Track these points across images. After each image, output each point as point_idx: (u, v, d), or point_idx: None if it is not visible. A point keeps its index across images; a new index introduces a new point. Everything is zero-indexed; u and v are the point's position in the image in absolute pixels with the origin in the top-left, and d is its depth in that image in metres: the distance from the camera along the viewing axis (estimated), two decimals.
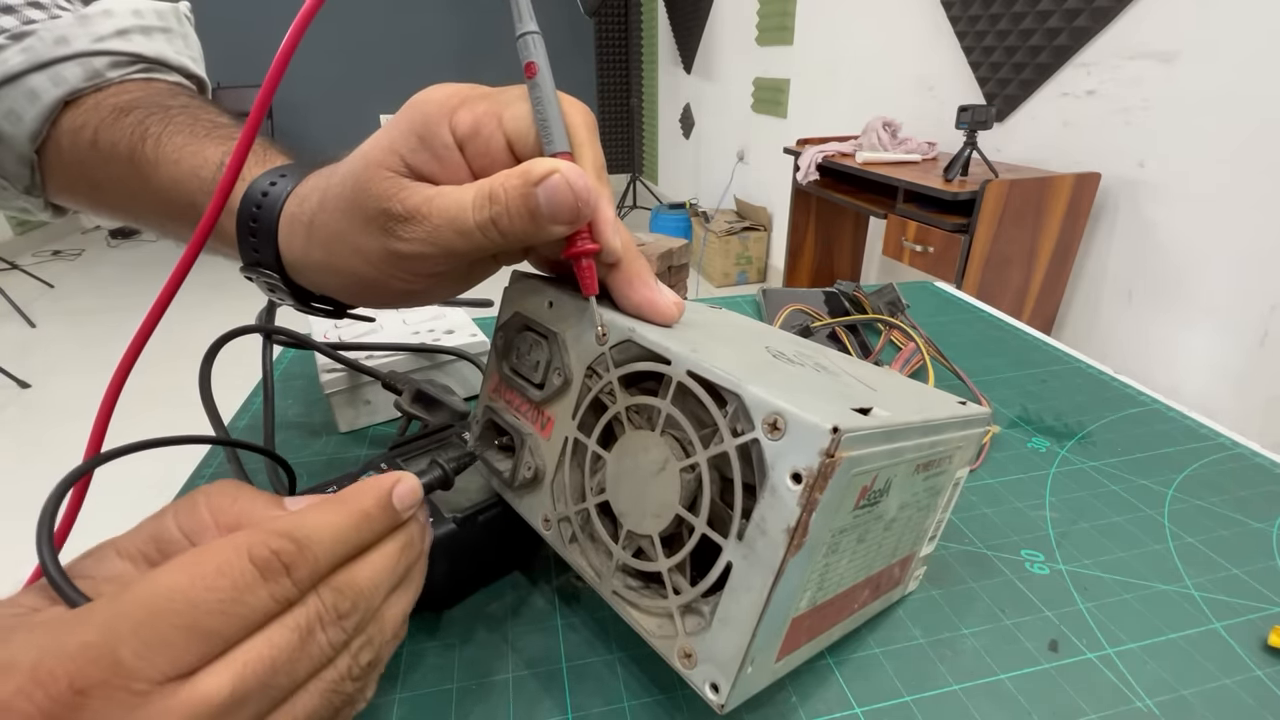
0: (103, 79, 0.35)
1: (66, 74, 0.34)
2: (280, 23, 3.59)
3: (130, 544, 0.20)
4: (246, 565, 0.17)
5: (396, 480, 0.21)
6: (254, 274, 0.30)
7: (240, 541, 0.18)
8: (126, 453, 0.24)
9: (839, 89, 2.36)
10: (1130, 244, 1.43)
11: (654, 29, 4.07)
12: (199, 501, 0.20)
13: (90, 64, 0.35)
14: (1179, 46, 1.27)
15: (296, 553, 0.18)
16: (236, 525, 0.20)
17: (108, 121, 0.34)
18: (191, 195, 0.31)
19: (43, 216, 0.41)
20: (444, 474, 0.26)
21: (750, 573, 0.20)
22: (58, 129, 0.35)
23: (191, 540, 0.20)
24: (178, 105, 0.34)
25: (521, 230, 0.23)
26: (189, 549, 0.19)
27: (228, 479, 0.22)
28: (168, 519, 0.20)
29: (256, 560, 0.17)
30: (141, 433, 0.24)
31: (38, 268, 3.24)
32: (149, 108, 0.34)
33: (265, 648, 0.17)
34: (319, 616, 0.19)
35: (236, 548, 0.17)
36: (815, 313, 0.60)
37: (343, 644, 0.19)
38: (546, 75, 0.23)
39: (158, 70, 0.38)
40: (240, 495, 0.21)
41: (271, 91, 0.24)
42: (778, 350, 0.28)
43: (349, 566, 0.20)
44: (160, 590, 0.16)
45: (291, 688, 0.18)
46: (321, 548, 0.19)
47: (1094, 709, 0.27)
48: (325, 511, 0.20)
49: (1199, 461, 0.43)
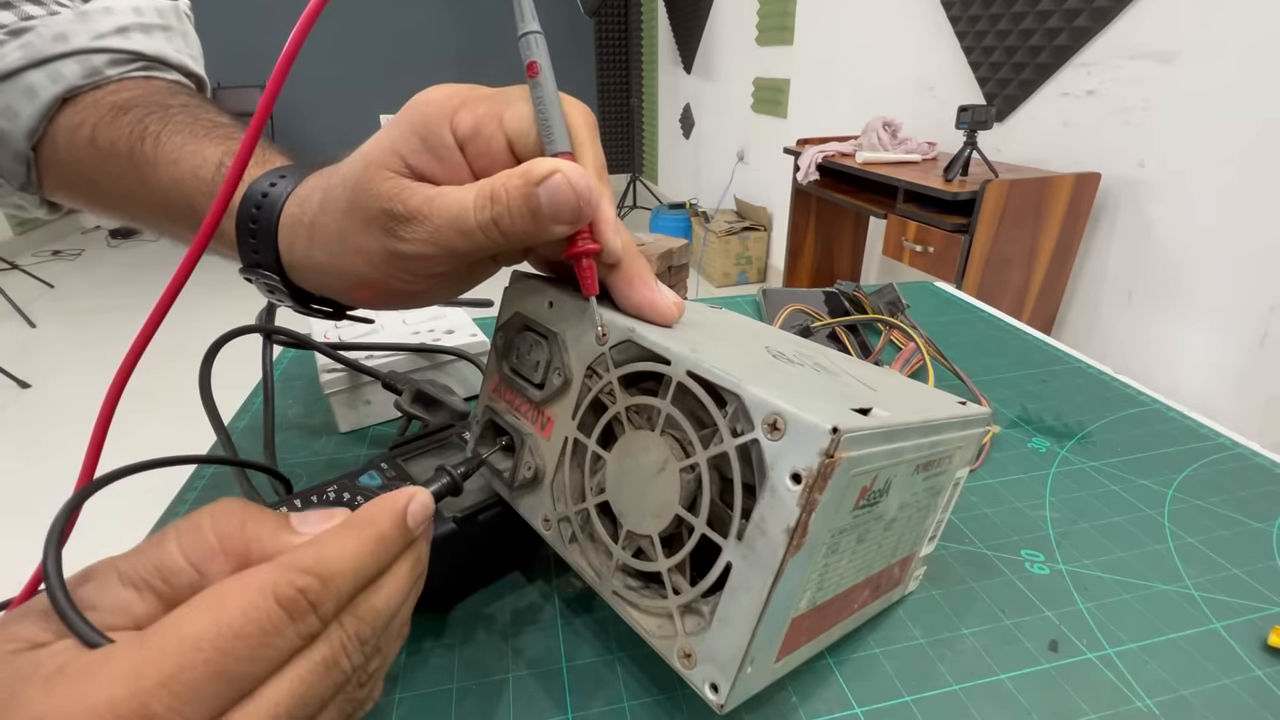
0: (101, 76, 0.35)
1: (65, 71, 0.34)
2: (280, 22, 3.61)
3: (133, 570, 0.19)
4: (273, 607, 0.17)
5: (410, 498, 0.21)
6: (253, 275, 0.30)
7: (264, 582, 0.17)
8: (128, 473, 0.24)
9: (839, 89, 2.36)
10: (1130, 244, 1.43)
11: (654, 29, 4.07)
12: (204, 525, 0.20)
13: (89, 61, 0.35)
14: (1179, 46, 1.27)
15: (321, 590, 0.18)
16: (245, 551, 0.20)
17: (106, 120, 0.34)
18: (190, 195, 0.31)
19: (38, 213, 0.41)
20: (453, 481, 0.26)
21: (750, 573, 0.20)
22: (55, 126, 0.35)
23: (198, 568, 0.19)
24: (177, 104, 0.34)
25: (523, 230, 0.23)
26: (196, 578, 0.19)
27: (231, 498, 0.21)
28: (171, 546, 0.19)
29: (283, 601, 0.17)
30: (141, 433, 0.24)
31: (38, 268, 3.24)
32: (148, 106, 0.34)
33: (294, 685, 0.17)
34: (343, 647, 0.19)
35: (261, 589, 0.17)
36: (815, 313, 0.60)
37: (362, 665, 0.20)
38: (548, 75, 0.23)
39: (157, 68, 0.38)
40: (247, 518, 0.20)
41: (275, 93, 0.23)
42: (778, 350, 0.28)
43: (368, 593, 0.20)
44: (186, 639, 0.16)
45: (317, 712, 0.19)
46: (344, 579, 0.19)
47: (1094, 709, 0.27)
48: (344, 540, 0.19)
49: (1199, 461, 0.43)
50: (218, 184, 0.30)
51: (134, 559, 0.19)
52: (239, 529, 0.20)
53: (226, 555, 0.19)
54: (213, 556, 0.19)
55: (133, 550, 0.19)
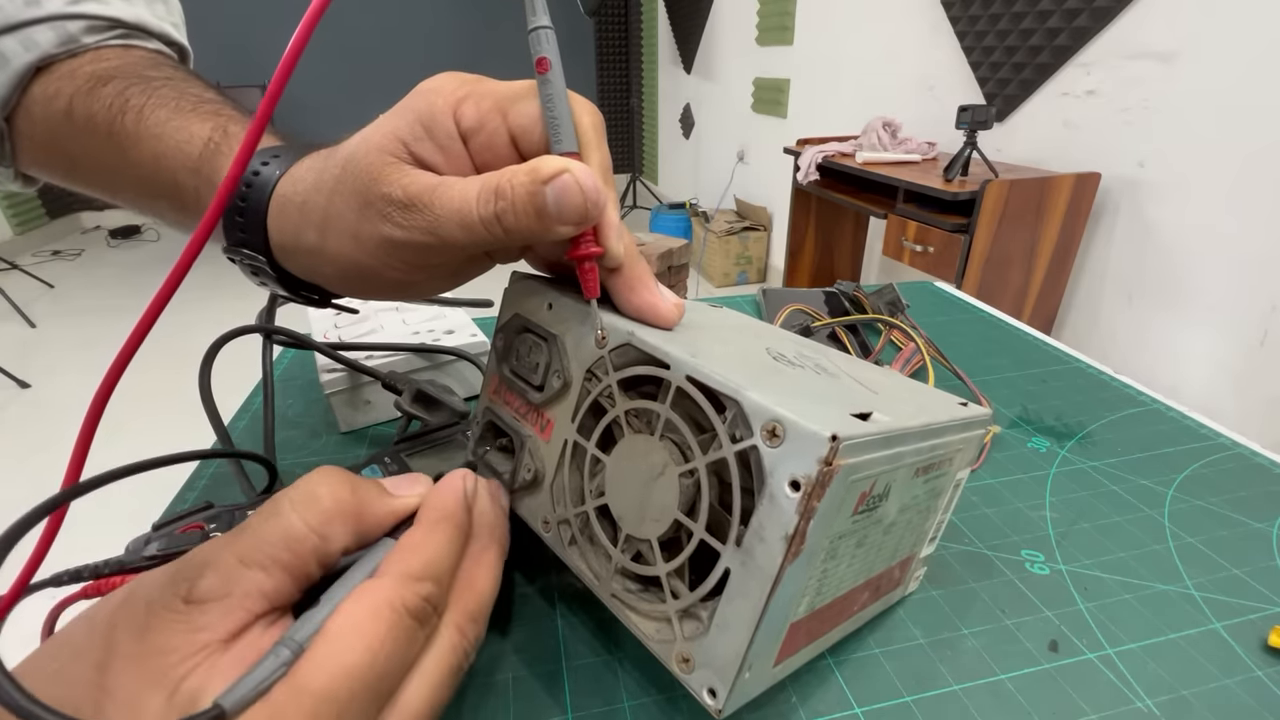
0: (78, 44, 0.33)
1: (38, 38, 0.32)
2: (280, 23, 3.61)
3: (254, 549, 0.19)
4: (409, 622, 0.19)
5: (464, 480, 0.24)
6: (236, 255, 0.29)
7: (394, 599, 0.19)
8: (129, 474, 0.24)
9: (839, 89, 2.35)
10: (1130, 244, 1.43)
11: (654, 29, 4.06)
12: (320, 494, 0.21)
13: (64, 28, 0.33)
14: (1179, 46, 1.27)
15: (439, 593, 0.20)
16: (359, 513, 0.21)
17: (83, 90, 0.32)
18: (174, 172, 0.30)
19: (13, 186, 0.39)
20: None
21: (748, 579, 0.20)
22: (29, 96, 0.33)
23: (318, 533, 0.20)
24: (160, 77, 0.33)
25: (526, 228, 0.22)
26: (318, 543, 0.20)
27: (329, 467, 0.22)
28: (291, 517, 0.20)
29: (414, 613, 0.19)
30: (141, 433, 0.24)
31: (38, 268, 3.24)
32: (129, 78, 0.32)
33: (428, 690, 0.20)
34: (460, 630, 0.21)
35: (393, 607, 0.19)
36: (815, 313, 0.60)
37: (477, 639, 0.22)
38: (558, 72, 0.23)
39: (137, 36, 0.36)
40: (354, 484, 0.22)
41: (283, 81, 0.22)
42: (778, 352, 0.28)
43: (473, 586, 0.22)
44: (350, 671, 0.17)
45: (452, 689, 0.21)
46: (448, 575, 0.21)
47: (1094, 709, 0.27)
48: (437, 539, 0.21)
49: (1199, 461, 0.43)
50: (205, 160, 0.29)
51: (249, 539, 0.19)
52: (351, 494, 0.21)
53: (344, 518, 0.21)
54: (330, 521, 0.20)
55: (240, 532, 0.20)
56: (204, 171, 0.29)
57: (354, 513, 0.21)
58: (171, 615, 0.18)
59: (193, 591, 0.18)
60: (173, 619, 0.18)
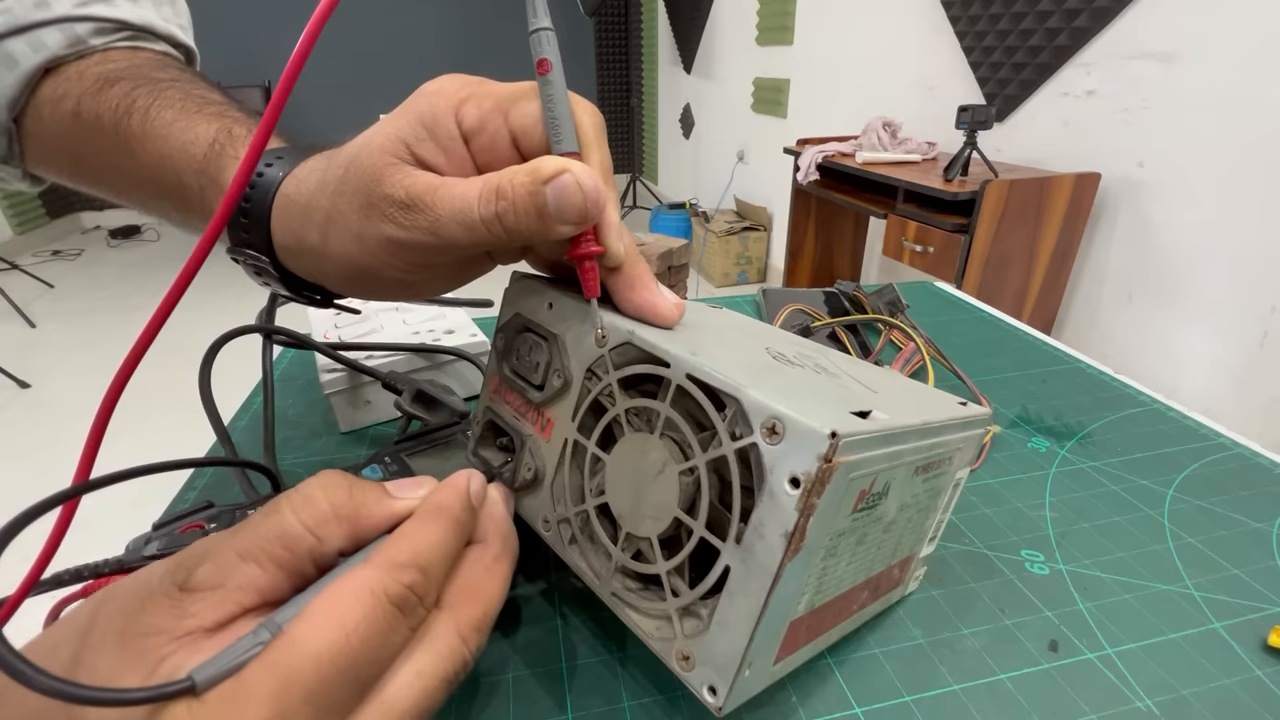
0: (85, 46, 0.34)
1: (46, 39, 0.33)
2: (281, 23, 3.61)
3: (251, 544, 0.19)
4: (389, 608, 0.19)
5: (468, 479, 0.24)
6: (240, 255, 0.29)
7: (374, 585, 0.19)
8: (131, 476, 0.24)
9: (839, 89, 2.35)
10: (1130, 244, 1.43)
11: (654, 29, 4.06)
12: (316, 496, 0.21)
13: (72, 30, 0.33)
14: (1179, 46, 1.27)
15: (425, 581, 0.20)
16: (356, 515, 0.21)
17: (91, 92, 0.32)
18: (179, 173, 0.30)
19: (20, 186, 0.39)
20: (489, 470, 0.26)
21: (748, 577, 0.20)
22: (38, 97, 0.33)
23: (315, 534, 0.20)
24: (167, 79, 0.33)
25: (527, 228, 0.23)
26: (314, 543, 0.20)
27: (330, 470, 0.22)
28: (289, 516, 0.20)
29: (395, 600, 0.19)
30: (141, 432, 0.24)
31: (38, 268, 3.24)
32: (136, 80, 0.32)
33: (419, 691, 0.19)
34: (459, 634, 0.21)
35: (373, 592, 0.19)
36: (815, 313, 0.60)
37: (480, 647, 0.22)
38: (559, 73, 0.23)
39: (144, 38, 0.36)
40: (353, 486, 0.22)
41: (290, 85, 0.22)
42: (778, 352, 0.28)
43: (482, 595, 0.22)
44: (321, 655, 0.17)
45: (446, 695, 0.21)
46: (438, 567, 0.21)
47: (1094, 709, 0.27)
48: (429, 530, 0.21)
49: (1199, 461, 0.43)
50: (210, 161, 0.29)
51: (248, 535, 0.20)
52: (348, 497, 0.21)
53: (339, 520, 0.21)
54: (327, 522, 0.21)
55: (241, 528, 0.20)
56: (209, 172, 0.30)
57: (350, 515, 0.21)
58: (166, 600, 0.18)
59: (189, 580, 0.18)
60: (166, 604, 0.18)
